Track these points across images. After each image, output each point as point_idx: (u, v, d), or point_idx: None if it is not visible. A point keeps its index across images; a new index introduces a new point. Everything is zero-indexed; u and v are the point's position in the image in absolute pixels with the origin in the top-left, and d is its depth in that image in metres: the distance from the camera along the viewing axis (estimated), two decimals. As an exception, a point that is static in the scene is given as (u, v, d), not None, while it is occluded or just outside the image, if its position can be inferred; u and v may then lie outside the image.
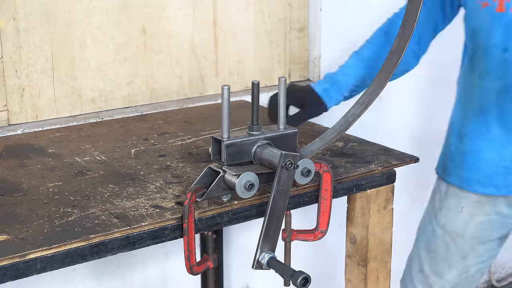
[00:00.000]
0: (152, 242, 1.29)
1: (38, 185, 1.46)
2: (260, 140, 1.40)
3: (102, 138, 1.79)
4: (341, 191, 1.53)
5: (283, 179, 1.34)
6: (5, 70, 1.86)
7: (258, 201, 1.40)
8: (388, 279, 1.71)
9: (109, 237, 1.24)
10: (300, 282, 1.29)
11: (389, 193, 1.64)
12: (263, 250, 1.36)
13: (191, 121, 1.95)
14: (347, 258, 1.71)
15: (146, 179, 1.49)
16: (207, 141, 1.75)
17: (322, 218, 1.49)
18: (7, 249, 1.17)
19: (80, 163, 1.60)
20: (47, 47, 1.91)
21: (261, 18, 2.25)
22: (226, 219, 1.37)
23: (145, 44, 2.06)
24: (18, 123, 1.90)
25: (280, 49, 2.31)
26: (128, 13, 2.01)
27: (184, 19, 2.11)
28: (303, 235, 1.54)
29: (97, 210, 1.33)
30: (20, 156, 1.65)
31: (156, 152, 1.67)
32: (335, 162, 1.61)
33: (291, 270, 1.31)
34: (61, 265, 1.20)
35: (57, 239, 1.20)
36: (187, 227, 1.30)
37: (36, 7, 1.87)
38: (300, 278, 1.29)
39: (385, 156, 1.65)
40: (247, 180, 1.34)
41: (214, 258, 1.50)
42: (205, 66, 2.18)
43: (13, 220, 1.28)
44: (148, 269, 2.16)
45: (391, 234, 1.68)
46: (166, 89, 2.13)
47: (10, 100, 1.88)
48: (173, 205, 1.36)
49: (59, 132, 1.85)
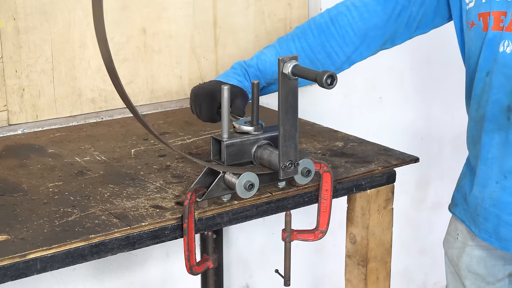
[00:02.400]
0: (152, 242, 1.29)
1: (38, 185, 1.46)
2: (260, 140, 1.40)
3: (102, 138, 1.79)
4: (341, 191, 1.53)
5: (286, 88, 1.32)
6: (5, 70, 1.86)
7: (258, 201, 1.40)
8: (388, 279, 1.71)
9: (109, 237, 1.24)
10: (326, 82, 1.24)
11: (389, 193, 1.64)
12: (285, 61, 1.30)
13: (191, 121, 1.95)
14: (347, 258, 1.71)
15: (146, 179, 1.49)
16: (207, 141, 1.75)
17: (322, 218, 1.49)
18: (7, 249, 1.17)
19: (80, 163, 1.60)
20: (47, 47, 1.91)
21: (261, 18, 2.25)
22: (226, 219, 1.37)
23: (145, 44, 2.06)
24: (18, 123, 1.90)
25: (280, 49, 2.31)
26: (128, 13, 2.01)
27: (184, 19, 2.11)
28: (303, 235, 1.54)
29: (97, 210, 1.33)
30: (20, 156, 1.65)
31: (156, 152, 1.68)
32: (335, 162, 1.61)
33: (313, 72, 1.26)
34: (61, 265, 1.20)
35: (57, 239, 1.20)
36: (187, 227, 1.30)
37: (36, 7, 1.87)
38: (326, 77, 1.24)
39: (385, 156, 1.65)
40: (247, 180, 1.34)
41: (214, 258, 1.50)
42: (205, 66, 2.18)
43: (13, 220, 1.28)
44: (148, 269, 2.16)
45: (391, 234, 1.68)
46: (166, 89, 2.13)
47: (10, 100, 1.88)
48: (173, 205, 1.36)
49: (59, 132, 1.85)
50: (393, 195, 1.65)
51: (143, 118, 1.22)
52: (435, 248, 2.93)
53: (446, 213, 2.51)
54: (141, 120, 1.20)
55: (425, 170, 2.77)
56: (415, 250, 2.87)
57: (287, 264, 1.62)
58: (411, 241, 2.86)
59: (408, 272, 2.86)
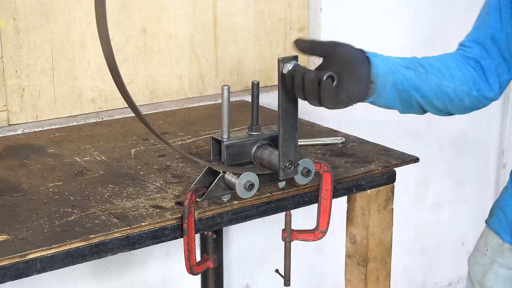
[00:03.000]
0: (152, 242, 1.29)
1: (38, 185, 1.46)
2: (260, 141, 1.40)
3: (102, 138, 1.79)
4: (341, 191, 1.53)
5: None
6: (5, 70, 1.86)
7: (258, 201, 1.40)
8: (388, 279, 1.71)
9: (109, 237, 1.24)
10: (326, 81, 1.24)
11: (389, 193, 1.64)
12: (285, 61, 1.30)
13: (191, 121, 1.95)
14: (347, 258, 1.71)
15: (146, 179, 1.49)
16: (207, 141, 1.75)
17: (322, 218, 1.49)
18: (7, 249, 1.17)
19: (80, 163, 1.60)
20: (47, 47, 1.91)
21: (261, 18, 2.25)
22: (226, 219, 1.37)
23: (145, 44, 2.06)
24: (18, 123, 1.90)
25: (280, 49, 2.31)
26: (128, 13, 2.01)
27: (184, 19, 2.11)
28: (303, 235, 1.54)
29: (97, 210, 1.33)
30: (20, 156, 1.65)
31: (156, 152, 1.67)
32: (335, 162, 1.61)
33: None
34: (61, 265, 1.20)
35: (57, 239, 1.20)
36: (187, 227, 1.30)
37: (36, 7, 1.87)
38: (326, 77, 1.25)
39: (385, 156, 1.65)
40: (247, 180, 1.34)
41: (214, 258, 1.50)
42: (205, 66, 2.18)
43: (13, 220, 1.28)
44: (148, 269, 2.16)
45: (391, 234, 1.68)
46: (166, 89, 2.13)
47: (10, 100, 1.88)
48: (173, 205, 1.36)
49: (59, 132, 1.85)
50: (393, 195, 1.65)
51: (144, 117, 1.22)
52: (435, 248, 2.94)
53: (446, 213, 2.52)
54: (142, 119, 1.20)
55: (425, 170, 2.77)
56: (415, 250, 2.87)
57: (287, 264, 1.62)
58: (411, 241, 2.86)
59: (408, 272, 2.86)
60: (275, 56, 2.31)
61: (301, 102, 1.36)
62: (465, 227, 3.00)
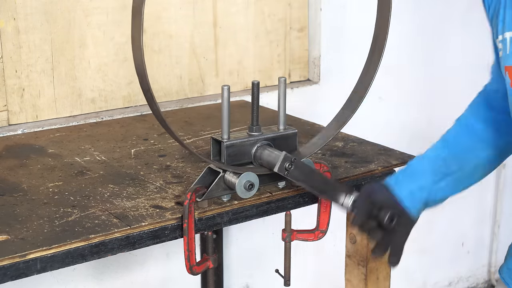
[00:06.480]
0: (152, 242, 1.29)
1: (38, 185, 1.46)
2: (260, 141, 1.40)
3: (102, 138, 1.79)
4: (341, 191, 1.53)
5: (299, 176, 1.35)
6: (5, 70, 1.86)
7: (258, 201, 1.40)
8: (388, 279, 1.71)
9: (109, 237, 1.24)
10: (387, 221, 1.32)
11: (389, 193, 1.64)
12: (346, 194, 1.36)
13: (191, 121, 1.95)
14: (347, 258, 1.71)
15: (146, 179, 1.49)
16: (207, 141, 1.75)
17: (322, 218, 1.49)
18: (7, 249, 1.17)
19: (80, 163, 1.60)
20: (47, 47, 1.91)
21: (261, 18, 2.25)
22: (226, 219, 1.37)
23: (145, 44, 2.05)
24: (18, 123, 1.90)
25: (280, 49, 2.31)
26: (128, 13, 2.01)
27: (184, 19, 2.11)
28: (303, 235, 1.54)
29: (97, 210, 1.33)
30: (20, 156, 1.65)
31: (156, 152, 1.67)
32: (335, 162, 1.61)
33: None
34: (61, 265, 1.20)
35: (57, 239, 1.20)
36: (187, 227, 1.30)
37: (36, 7, 1.87)
38: (388, 216, 1.32)
39: (385, 156, 1.65)
40: (247, 180, 1.34)
41: (214, 258, 1.49)
42: (205, 66, 2.18)
43: (13, 220, 1.28)
44: (148, 269, 2.16)
45: (391, 234, 1.68)
46: (166, 89, 2.12)
47: (10, 100, 1.88)
48: (173, 205, 1.36)
49: (59, 132, 1.85)
50: (393, 195, 1.65)
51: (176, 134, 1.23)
52: (435, 248, 2.93)
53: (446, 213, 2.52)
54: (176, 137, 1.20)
55: (425, 170, 2.76)
56: (415, 250, 2.87)
57: (287, 264, 1.62)
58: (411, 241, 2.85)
59: (408, 272, 2.86)
60: (275, 56, 2.31)
61: (301, 102, 1.36)
62: (465, 227, 3.00)
